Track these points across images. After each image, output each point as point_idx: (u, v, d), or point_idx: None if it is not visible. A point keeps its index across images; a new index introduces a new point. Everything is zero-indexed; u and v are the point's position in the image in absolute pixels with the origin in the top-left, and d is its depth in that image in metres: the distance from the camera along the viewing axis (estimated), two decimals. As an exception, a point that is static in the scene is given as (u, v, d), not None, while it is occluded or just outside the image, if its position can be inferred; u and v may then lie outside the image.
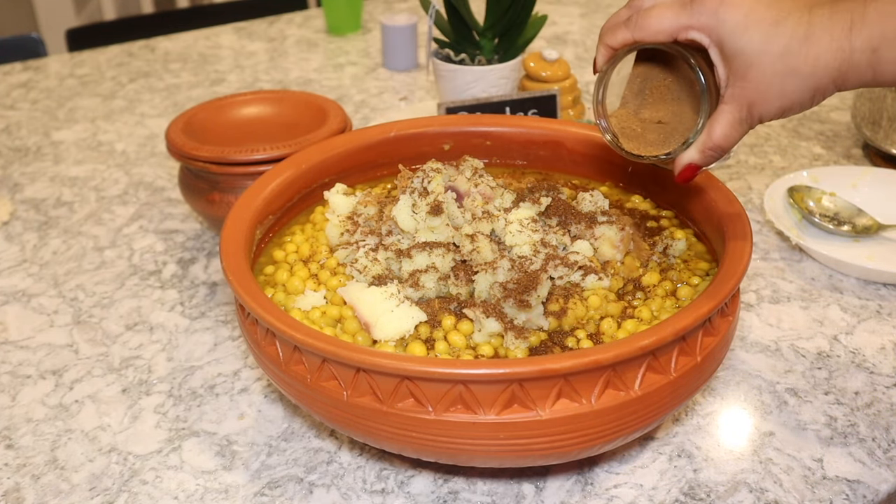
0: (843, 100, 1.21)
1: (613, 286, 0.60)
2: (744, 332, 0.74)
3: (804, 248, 0.83)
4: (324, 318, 0.59)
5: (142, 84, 1.36)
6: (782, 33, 0.46)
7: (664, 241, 0.66)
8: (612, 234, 0.61)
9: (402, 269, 0.60)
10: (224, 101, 0.91)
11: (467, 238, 0.60)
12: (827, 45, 0.45)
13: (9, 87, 1.36)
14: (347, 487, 0.59)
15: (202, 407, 0.67)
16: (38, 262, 0.87)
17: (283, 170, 0.69)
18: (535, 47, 1.40)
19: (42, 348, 0.74)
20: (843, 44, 0.45)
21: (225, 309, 0.79)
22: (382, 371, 0.49)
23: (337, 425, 0.54)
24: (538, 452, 0.51)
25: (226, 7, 1.82)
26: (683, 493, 0.58)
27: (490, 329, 0.55)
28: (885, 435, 0.63)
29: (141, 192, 1.01)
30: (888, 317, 0.76)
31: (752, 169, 1.03)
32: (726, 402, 0.67)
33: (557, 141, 0.75)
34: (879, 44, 0.45)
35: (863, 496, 0.58)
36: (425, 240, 0.61)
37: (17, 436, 0.65)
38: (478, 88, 1.00)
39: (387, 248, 0.61)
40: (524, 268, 0.58)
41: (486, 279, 0.57)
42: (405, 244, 0.61)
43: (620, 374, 0.50)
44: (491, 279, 0.57)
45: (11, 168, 1.08)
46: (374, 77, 1.36)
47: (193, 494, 0.59)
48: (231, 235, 0.61)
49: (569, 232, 0.63)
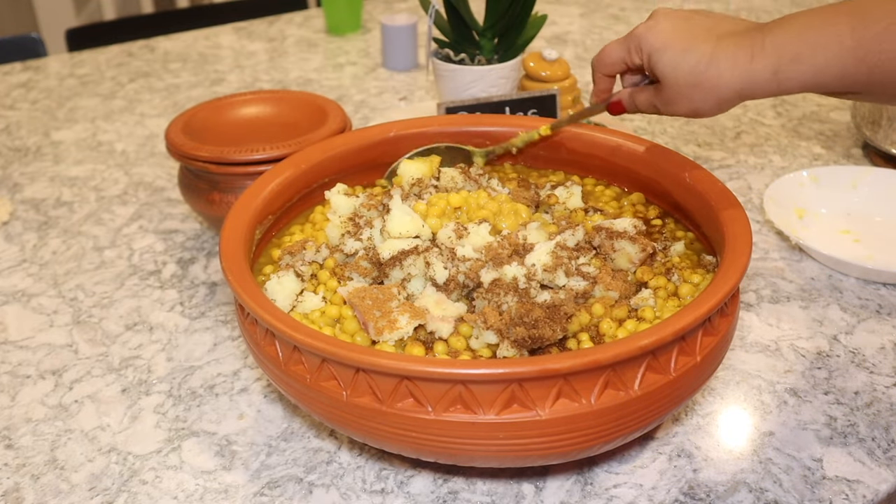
0: (842, 100, 1.21)
1: (622, 293, 0.59)
2: (744, 332, 0.74)
3: (804, 247, 0.83)
4: (323, 318, 0.59)
5: (142, 84, 1.36)
6: (689, 58, 0.58)
7: (664, 241, 0.66)
8: (632, 250, 0.61)
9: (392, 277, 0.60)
10: (224, 101, 0.91)
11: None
12: (730, 68, 0.56)
13: (9, 87, 1.36)
14: (347, 487, 0.59)
15: (202, 407, 0.67)
16: (38, 262, 0.87)
17: (282, 170, 0.69)
18: (534, 47, 1.40)
19: (42, 348, 0.74)
20: (746, 67, 0.56)
21: (225, 309, 0.79)
22: (382, 371, 0.49)
23: (336, 425, 0.54)
24: (538, 452, 0.51)
25: (226, 7, 1.82)
26: (683, 493, 0.58)
27: (488, 340, 0.55)
28: (884, 435, 0.63)
29: (141, 192, 1.01)
30: (888, 317, 0.76)
31: (752, 169, 1.03)
32: (726, 402, 0.67)
33: (557, 141, 0.75)
34: (777, 67, 0.55)
35: (862, 496, 0.58)
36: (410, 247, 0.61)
37: (17, 436, 0.65)
38: (477, 88, 1.00)
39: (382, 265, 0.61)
40: (531, 297, 0.57)
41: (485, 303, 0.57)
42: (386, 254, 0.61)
43: (620, 374, 0.50)
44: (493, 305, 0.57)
45: (11, 168, 1.08)
46: (374, 77, 1.36)
47: (193, 494, 0.59)
48: (231, 235, 0.61)
49: (590, 242, 0.63)
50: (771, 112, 1.18)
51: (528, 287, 0.57)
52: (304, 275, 0.63)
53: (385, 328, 0.55)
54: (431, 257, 0.59)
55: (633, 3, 1.72)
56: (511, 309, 0.55)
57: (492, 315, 0.55)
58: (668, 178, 0.68)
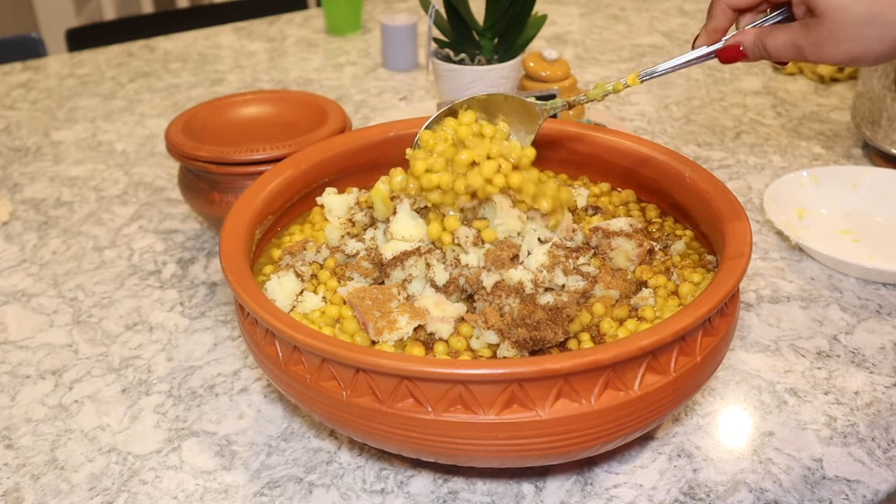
0: (843, 100, 1.21)
1: (622, 292, 0.60)
2: (744, 332, 0.74)
3: (804, 247, 0.83)
4: (323, 318, 0.59)
5: (142, 84, 1.36)
6: None
7: (664, 241, 0.66)
8: (629, 247, 0.61)
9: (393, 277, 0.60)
10: (224, 101, 0.91)
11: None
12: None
13: (9, 87, 1.36)
14: (347, 487, 0.59)
15: (202, 407, 0.67)
16: (38, 262, 0.87)
17: (282, 170, 0.69)
18: (534, 47, 1.40)
19: (42, 348, 0.74)
20: None
21: (225, 309, 0.79)
22: (382, 371, 0.49)
23: (336, 425, 0.54)
24: (538, 452, 0.51)
25: (226, 7, 1.82)
26: (683, 493, 0.58)
27: (488, 339, 0.55)
28: (884, 435, 0.63)
29: (141, 192, 1.01)
30: (888, 316, 0.76)
31: (752, 169, 1.03)
32: (726, 402, 0.67)
33: (556, 140, 0.75)
34: None
35: (862, 496, 0.58)
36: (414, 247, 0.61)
37: (17, 436, 0.65)
38: (477, 88, 1.00)
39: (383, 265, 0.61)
40: (533, 299, 0.57)
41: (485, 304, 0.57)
42: (388, 254, 0.61)
43: (620, 374, 0.50)
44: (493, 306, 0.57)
45: (11, 168, 1.08)
46: (374, 77, 1.36)
47: (193, 494, 0.59)
48: (231, 235, 0.61)
49: (588, 243, 0.63)
50: (771, 112, 1.18)
51: (535, 293, 0.57)
52: (304, 275, 0.63)
53: (385, 328, 0.55)
54: (432, 259, 0.59)
55: (633, 3, 1.72)
56: (513, 310, 0.55)
57: (493, 315, 0.55)
58: (669, 178, 0.68)
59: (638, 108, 1.21)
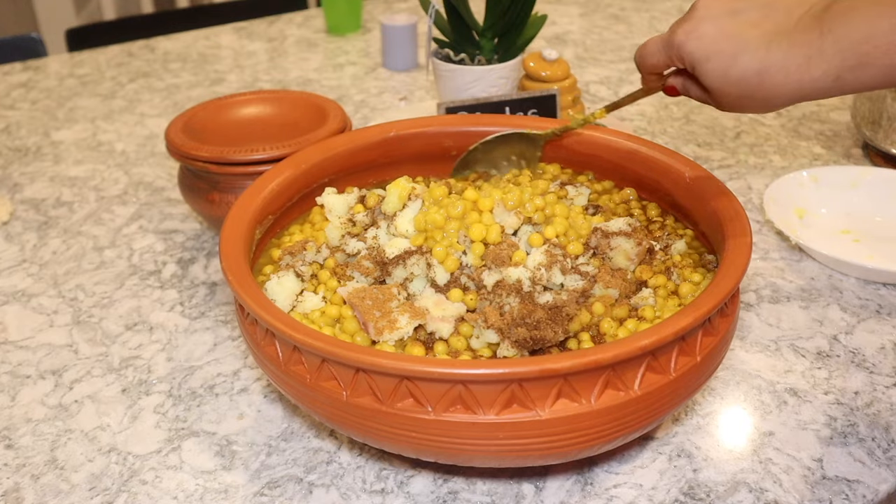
0: (843, 100, 1.21)
1: (622, 291, 0.60)
2: (744, 332, 0.74)
3: (804, 247, 0.83)
4: (323, 318, 0.59)
5: (142, 84, 1.36)
6: (738, 68, 0.52)
7: (666, 240, 0.66)
8: (628, 246, 0.61)
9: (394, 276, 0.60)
10: (224, 101, 0.91)
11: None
12: (783, 78, 0.51)
13: (9, 87, 1.36)
14: (347, 487, 0.59)
15: (202, 407, 0.67)
16: (38, 262, 0.87)
17: (282, 170, 0.69)
18: (534, 47, 1.40)
19: (42, 348, 0.74)
20: (802, 76, 0.50)
21: (224, 309, 0.79)
22: (382, 371, 0.49)
23: (336, 425, 0.54)
24: (538, 452, 0.51)
25: (226, 7, 1.82)
26: (683, 493, 0.58)
27: (488, 339, 0.55)
28: (884, 435, 0.63)
29: (141, 192, 1.01)
30: (888, 317, 0.76)
31: (752, 169, 1.03)
32: (726, 402, 0.67)
33: (557, 141, 0.75)
34: (839, 74, 0.49)
35: (862, 496, 0.58)
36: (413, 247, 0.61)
37: (17, 436, 0.65)
38: (477, 88, 1.00)
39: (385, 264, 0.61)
40: (532, 298, 0.57)
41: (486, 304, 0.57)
42: (392, 252, 0.61)
43: (620, 374, 0.50)
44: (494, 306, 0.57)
45: (11, 168, 1.08)
46: (374, 77, 1.36)
47: (193, 494, 0.59)
48: (230, 235, 0.61)
49: (587, 244, 0.63)
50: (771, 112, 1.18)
51: (533, 291, 0.57)
52: (305, 275, 0.63)
53: (385, 328, 0.55)
54: (433, 259, 0.59)
55: (633, 4, 1.72)
56: (513, 309, 0.55)
57: (492, 314, 0.55)
58: (669, 177, 0.68)
59: (638, 107, 1.21)
